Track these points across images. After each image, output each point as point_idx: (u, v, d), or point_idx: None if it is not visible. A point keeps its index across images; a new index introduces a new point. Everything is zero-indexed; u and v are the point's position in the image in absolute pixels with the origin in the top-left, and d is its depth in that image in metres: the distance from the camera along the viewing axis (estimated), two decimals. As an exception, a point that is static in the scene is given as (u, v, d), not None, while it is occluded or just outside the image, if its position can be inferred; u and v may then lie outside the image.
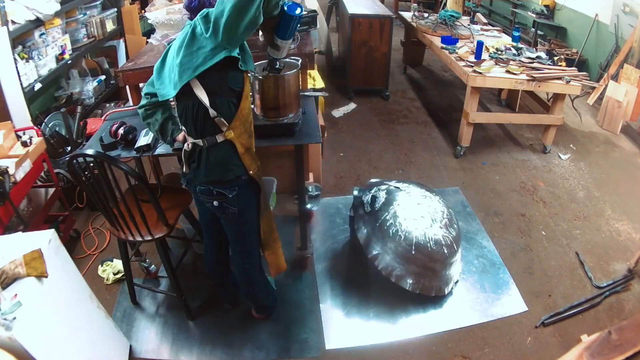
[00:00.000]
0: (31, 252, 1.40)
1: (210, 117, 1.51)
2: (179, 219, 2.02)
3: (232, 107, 1.53)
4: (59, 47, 3.27)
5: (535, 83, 3.20)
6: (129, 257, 2.11)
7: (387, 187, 2.29)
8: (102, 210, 1.85)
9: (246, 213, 1.72)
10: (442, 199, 2.31)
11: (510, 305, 2.25)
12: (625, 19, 4.17)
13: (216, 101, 1.50)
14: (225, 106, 1.52)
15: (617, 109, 3.87)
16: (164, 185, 2.23)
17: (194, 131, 1.56)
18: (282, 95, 1.94)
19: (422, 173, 3.35)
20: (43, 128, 2.89)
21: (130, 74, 2.50)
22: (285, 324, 2.17)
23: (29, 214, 2.51)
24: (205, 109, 1.50)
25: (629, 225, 2.80)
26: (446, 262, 2.16)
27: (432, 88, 4.96)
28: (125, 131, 1.98)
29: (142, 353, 2.04)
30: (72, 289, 1.63)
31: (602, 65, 4.49)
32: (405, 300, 2.25)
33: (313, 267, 2.47)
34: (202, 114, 1.52)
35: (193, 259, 2.56)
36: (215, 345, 2.07)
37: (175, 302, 2.27)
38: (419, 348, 2.05)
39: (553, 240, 2.68)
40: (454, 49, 3.68)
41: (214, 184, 1.62)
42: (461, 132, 3.51)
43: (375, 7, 4.51)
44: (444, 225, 2.15)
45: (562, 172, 3.38)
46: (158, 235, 1.91)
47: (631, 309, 2.22)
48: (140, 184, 1.80)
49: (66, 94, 3.64)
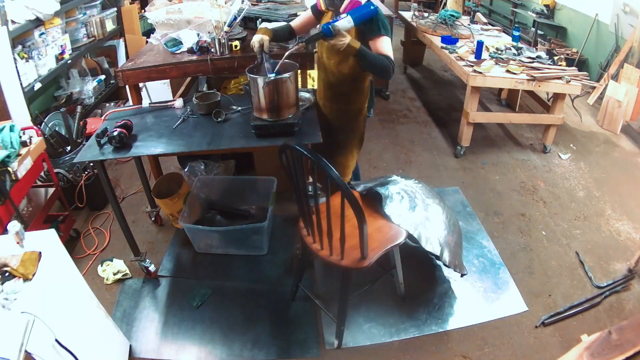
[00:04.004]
0: (31, 252, 1.40)
1: None
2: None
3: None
4: (58, 46, 3.27)
5: (535, 83, 3.19)
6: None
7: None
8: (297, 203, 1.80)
9: None
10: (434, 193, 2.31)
11: (510, 305, 2.25)
12: (625, 18, 4.17)
13: None
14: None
15: (617, 109, 3.87)
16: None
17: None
18: (282, 95, 1.94)
19: (422, 173, 3.35)
20: (43, 128, 2.89)
21: (130, 73, 2.50)
22: (285, 324, 2.17)
23: (29, 214, 2.51)
24: None
25: (629, 225, 2.79)
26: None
27: (432, 88, 4.96)
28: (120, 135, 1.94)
29: (142, 353, 2.04)
30: (72, 289, 1.63)
31: (602, 65, 4.49)
32: (405, 300, 2.25)
33: (313, 267, 2.47)
34: None
35: (192, 257, 2.56)
36: (215, 345, 2.07)
37: (175, 302, 2.28)
38: (419, 348, 2.05)
39: (553, 240, 2.68)
40: (454, 49, 3.68)
41: None
42: (461, 131, 3.50)
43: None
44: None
45: (562, 172, 3.38)
46: (349, 265, 1.75)
47: (631, 309, 2.22)
48: (357, 212, 1.58)
49: (66, 93, 3.64)
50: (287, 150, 1.62)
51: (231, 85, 3.44)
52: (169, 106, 2.32)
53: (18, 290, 1.28)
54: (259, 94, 1.94)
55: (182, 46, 2.66)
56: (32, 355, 1.25)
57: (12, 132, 2.24)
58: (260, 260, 2.53)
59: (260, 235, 2.47)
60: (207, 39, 2.62)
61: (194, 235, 2.51)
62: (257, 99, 1.97)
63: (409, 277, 2.24)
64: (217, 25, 2.56)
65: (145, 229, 2.81)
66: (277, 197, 2.68)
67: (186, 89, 3.64)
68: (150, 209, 2.79)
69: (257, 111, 2.01)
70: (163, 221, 2.84)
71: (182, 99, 2.35)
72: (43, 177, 2.69)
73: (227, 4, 2.69)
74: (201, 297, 2.29)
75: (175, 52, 2.64)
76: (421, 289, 2.34)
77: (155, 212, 2.79)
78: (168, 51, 2.65)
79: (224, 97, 2.31)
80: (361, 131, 2.41)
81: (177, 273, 2.48)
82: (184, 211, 2.49)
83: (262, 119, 2.00)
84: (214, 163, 3.10)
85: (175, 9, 2.96)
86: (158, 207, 2.77)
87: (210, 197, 2.80)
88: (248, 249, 2.54)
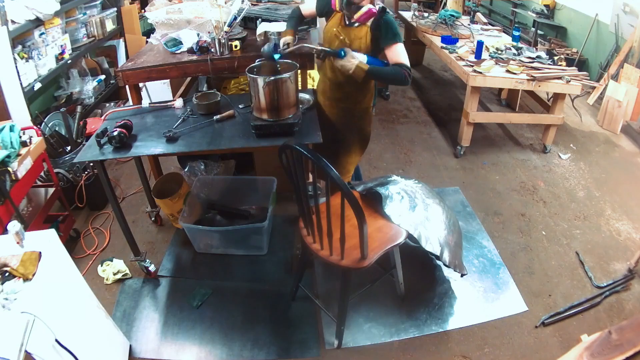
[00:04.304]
0: (31, 252, 1.40)
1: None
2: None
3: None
4: (58, 46, 3.27)
5: (535, 83, 3.19)
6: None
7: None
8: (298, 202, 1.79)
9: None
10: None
11: (510, 305, 2.25)
12: (625, 18, 4.17)
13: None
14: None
15: (617, 109, 3.87)
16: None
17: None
18: (282, 95, 1.94)
19: (422, 173, 3.35)
20: (43, 128, 2.89)
21: (130, 73, 2.49)
22: (285, 324, 2.17)
23: (29, 214, 2.51)
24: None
25: (629, 225, 2.79)
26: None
27: (432, 88, 4.96)
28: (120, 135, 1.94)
29: (142, 353, 2.04)
30: (72, 289, 1.63)
31: (602, 65, 4.49)
32: (405, 300, 2.25)
33: (313, 267, 2.47)
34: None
35: (192, 257, 2.56)
36: (215, 345, 2.07)
37: (175, 302, 2.28)
38: (419, 348, 2.05)
39: (553, 240, 2.68)
40: (454, 49, 3.68)
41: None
42: (461, 131, 3.50)
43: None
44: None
45: (562, 172, 3.38)
46: (349, 265, 1.76)
47: (631, 309, 2.22)
48: (357, 212, 1.56)
49: (66, 93, 3.64)
50: (287, 150, 1.62)
51: (231, 85, 3.44)
52: (169, 106, 2.32)
53: (18, 290, 1.28)
54: (259, 94, 1.94)
55: (182, 46, 2.65)
56: (32, 355, 1.25)
57: (12, 132, 2.24)
58: (260, 260, 2.53)
59: (260, 235, 2.47)
60: (207, 39, 2.62)
61: (194, 235, 2.51)
62: (257, 99, 1.97)
63: (409, 277, 2.24)
64: (217, 25, 2.56)
65: (145, 229, 2.81)
66: (277, 197, 2.68)
67: (186, 89, 3.64)
68: (150, 209, 2.79)
69: (257, 111, 2.01)
70: (163, 221, 2.84)
71: (182, 99, 2.35)
72: (43, 177, 2.69)
73: (227, 4, 2.69)
74: (201, 297, 2.29)
75: (175, 52, 2.64)
76: (421, 289, 2.34)
77: (155, 212, 2.79)
78: (168, 51, 2.65)
79: (224, 97, 2.31)
80: (367, 130, 2.45)
81: (177, 273, 2.48)
82: (184, 211, 2.49)
83: (262, 118, 2.00)
84: (214, 163, 3.11)
85: (175, 9, 2.96)
86: (158, 207, 2.77)
87: (210, 197, 2.80)
88: (248, 249, 2.54)
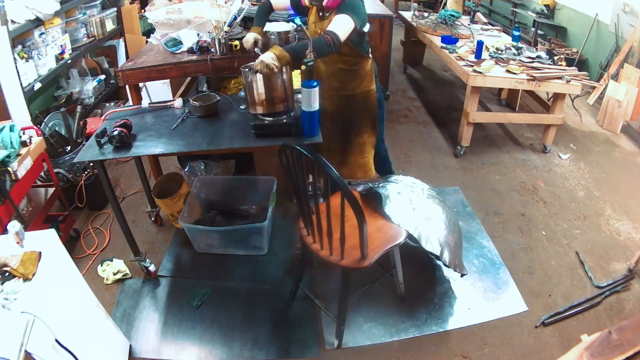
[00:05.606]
0: (31, 252, 1.40)
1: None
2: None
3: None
4: (58, 46, 3.27)
5: (535, 83, 3.19)
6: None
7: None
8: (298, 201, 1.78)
9: None
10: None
11: (510, 305, 2.25)
12: (625, 18, 4.17)
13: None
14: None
15: (617, 109, 3.87)
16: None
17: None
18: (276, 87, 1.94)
19: (422, 173, 3.35)
20: (43, 128, 2.89)
21: (130, 73, 2.50)
22: (285, 323, 2.17)
23: (29, 214, 2.51)
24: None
25: (629, 225, 2.79)
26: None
27: (432, 88, 4.96)
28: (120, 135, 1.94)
29: (142, 353, 2.04)
30: (72, 289, 1.63)
31: (602, 65, 4.49)
32: (405, 300, 2.25)
33: (313, 267, 2.47)
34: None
35: (192, 257, 2.56)
36: (215, 345, 2.07)
37: (175, 302, 2.28)
38: (419, 348, 2.05)
39: (553, 240, 2.68)
40: (454, 49, 3.68)
41: None
42: (461, 131, 3.50)
43: (375, 6, 4.50)
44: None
45: (562, 172, 3.38)
46: (349, 265, 1.74)
47: (631, 309, 2.22)
48: (357, 212, 1.56)
49: (66, 93, 3.64)
50: (287, 150, 1.62)
51: (231, 85, 3.44)
52: (168, 106, 2.32)
53: (18, 290, 1.28)
54: (252, 88, 1.94)
55: (182, 46, 2.66)
56: (32, 355, 1.25)
57: (12, 132, 2.24)
58: (260, 260, 2.53)
59: (260, 235, 2.47)
60: (207, 39, 2.62)
61: (194, 235, 2.51)
62: (251, 94, 1.97)
63: (409, 277, 2.24)
64: (217, 25, 2.56)
65: (145, 229, 2.81)
66: (277, 197, 2.68)
67: (186, 88, 3.64)
68: (150, 209, 2.79)
69: (252, 106, 2.01)
70: (163, 221, 2.84)
71: (182, 99, 2.35)
72: (43, 177, 2.69)
73: (227, 4, 2.69)
74: (201, 297, 2.29)
75: (175, 52, 2.64)
76: (421, 289, 2.34)
77: (155, 212, 2.79)
78: (168, 51, 2.65)
79: (223, 97, 2.31)
80: (373, 110, 2.51)
81: (177, 273, 2.48)
82: (184, 211, 2.49)
83: (258, 115, 2.00)
84: (214, 163, 3.11)
85: (175, 9, 2.96)
86: (158, 207, 2.77)
87: (210, 197, 2.80)
88: (248, 249, 2.54)
